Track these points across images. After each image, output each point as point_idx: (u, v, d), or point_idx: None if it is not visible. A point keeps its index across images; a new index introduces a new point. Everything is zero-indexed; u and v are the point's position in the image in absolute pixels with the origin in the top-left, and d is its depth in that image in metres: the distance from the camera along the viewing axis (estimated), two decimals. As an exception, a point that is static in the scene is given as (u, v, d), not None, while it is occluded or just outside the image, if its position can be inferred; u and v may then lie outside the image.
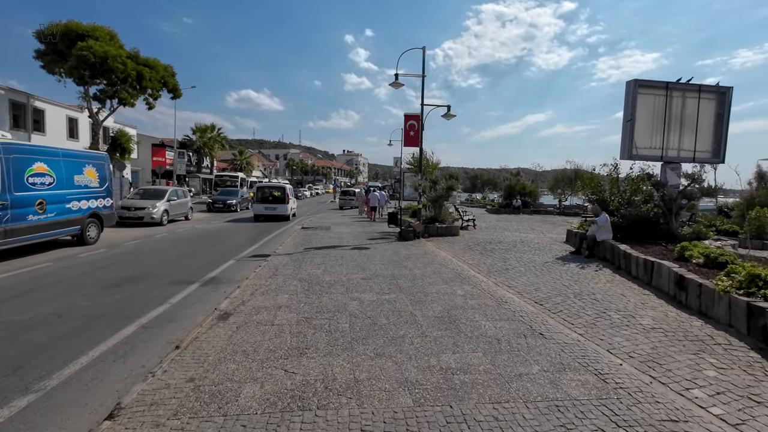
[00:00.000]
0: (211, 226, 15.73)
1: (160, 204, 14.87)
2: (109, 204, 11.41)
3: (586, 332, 4.64)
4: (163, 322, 4.85)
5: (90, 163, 10.75)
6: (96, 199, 10.76)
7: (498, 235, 13.78)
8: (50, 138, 28.44)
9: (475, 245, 11.49)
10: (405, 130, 12.50)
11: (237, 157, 61.97)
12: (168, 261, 8.61)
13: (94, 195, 10.75)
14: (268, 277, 6.92)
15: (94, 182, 10.75)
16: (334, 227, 15.53)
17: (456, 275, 7.39)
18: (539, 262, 9.00)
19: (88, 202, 10.39)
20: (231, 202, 22.60)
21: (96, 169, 10.92)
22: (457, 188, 14.76)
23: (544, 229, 16.30)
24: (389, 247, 10.65)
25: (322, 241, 11.64)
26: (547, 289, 6.62)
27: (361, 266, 8.00)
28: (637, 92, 11.76)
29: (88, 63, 21.47)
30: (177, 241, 11.55)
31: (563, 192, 30.40)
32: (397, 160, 30.40)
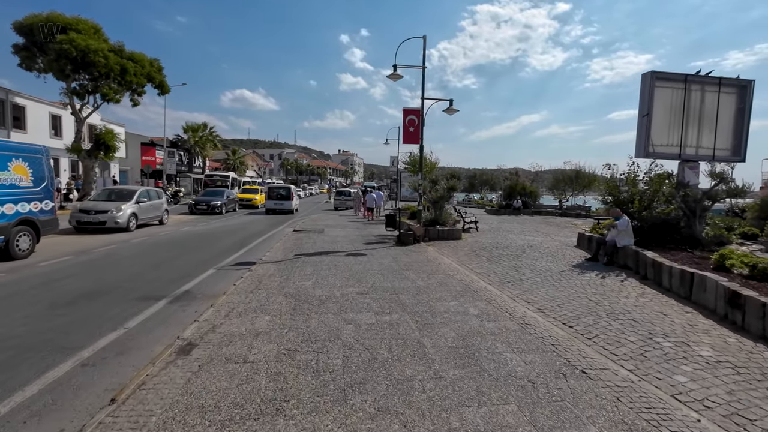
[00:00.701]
0: (194, 229, 14.68)
1: (126, 206, 12.86)
2: (49, 207, 9.53)
3: (636, 367, 3.74)
4: (110, 356, 3.89)
5: (20, 157, 8.81)
6: (29, 202, 8.85)
7: (503, 239, 12.90)
8: (32, 136, 27.18)
9: (481, 250, 10.59)
10: (404, 125, 11.58)
11: (230, 156, 60.76)
12: (139, 271, 7.61)
13: (26, 197, 8.80)
14: (249, 291, 5.96)
15: (25, 181, 8.84)
16: (328, 230, 14.58)
17: (465, 288, 6.48)
18: (555, 270, 8.12)
19: (16, 205, 8.50)
20: (215, 204, 20.56)
21: (29, 164, 8.97)
22: (459, 188, 13.87)
23: (550, 232, 15.46)
24: (388, 253, 9.73)
25: (315, 245, 10.69)
26: (572, 305, 5.72)
27: (356, 277, 7.07)
28: (654, 85, 10.93)
29: (69, 57, 20.35)
30: (155, 246, 10.53)
31: (564, 192, 29.63)
32: (394, 160, 29.50)
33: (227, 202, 21.66)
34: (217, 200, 20.85)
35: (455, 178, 13.35)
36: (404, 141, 11.69)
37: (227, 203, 21.61)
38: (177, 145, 47.26)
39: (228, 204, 21.74)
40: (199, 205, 20.36)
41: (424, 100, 11.50)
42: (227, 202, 21.66)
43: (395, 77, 11.14)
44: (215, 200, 20.81)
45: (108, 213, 12.26)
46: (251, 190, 28.00)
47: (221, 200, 21.07)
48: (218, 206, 20.48)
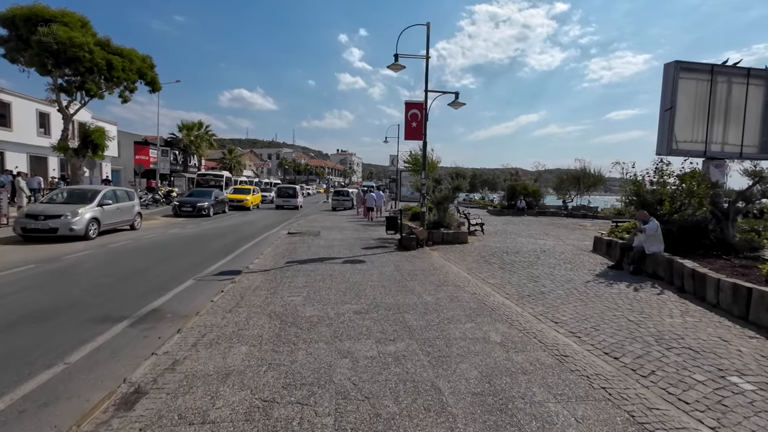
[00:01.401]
0: (179, 232, 13.74)
1: (85, 210, 10.85)
2: None
3: (720, 424, 2.85)
4: (31, 409, 2.98)
5: None
6: None
7: (512, 243, 12.01)
8: (18, 133, 26.26)
9: (490, 256, 9.70)
10: (406, 120, 10.68)
11: (226, 156, 59.76)
12: (106, 283, 6.69)
13: None
14: (227, 310, 5.05)
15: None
16: (325, 232, 13.67)
17: (480, 304, 5.59)
18: (578, 280, 7.23)
19: None
20: (202, 205, 18.97)
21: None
22: (465, 188, 12.94)
23: (560, 235, 14.58)
24: (389, 260, 8.82)
25: (309, 251, 9.78)
26: (609, 327, 4.83)
27: (354, 290, 6.16)
28: (679, 77, 10.07)
29: (50, 50, 19.37)
30: (132, 252, 9.60)
31: (568, 192, 28.76)
32: (394, 158, 28.61)
33: (215, 203, 20.26)
34: (203, 201, 19.32)
35: (461, 177, 12.47)
36: (406, 137, 10.80)
37: (215, 205, 20.22)
38: (172, 144, 46.25)
39: (216, 205, 20.34)
40: (184, 207, 18.84)
41: (427, 93, 10.60)
42: (215, 203, 20.26)
43: (396, 68, 10.24)
44: (201, 201, 19.28)
45: (61, 218, 10.29)
46: (242, 190, 26.26)
47: (208, 201, 19.57)
48: (205, 208, 19.02)
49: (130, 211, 13.30)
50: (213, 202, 19.91)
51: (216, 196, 20.65)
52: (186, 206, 18.93)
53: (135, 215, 13.51)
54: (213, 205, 19.79)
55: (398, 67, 10.23)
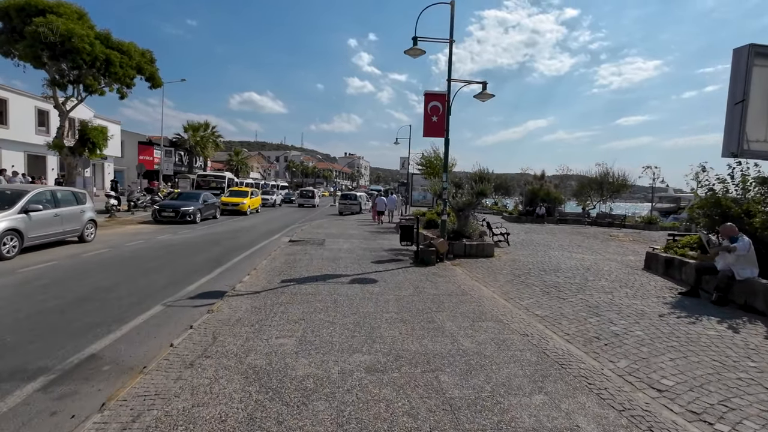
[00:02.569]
0: (167, 240, 12.36)
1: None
2: None
3: None
4: None
5: None
6: None
7: (545, 257, 10.41)
8: (15, 131, 25.28)
9: (526, 275, 8.13)
10: (426, 114, 9.20)
11: (233, 157, 58.87)
12: (52, 308, 5.27)
13: None
14: (188, 363, 3.58)
15: None
16: (330, 241, 12.20)
17: (540, 354, 4.04)
18: (651, 314, 5.63)
19: None
20: (186, 210, 16.03)
21: None
22: (491, 193, 11.36)
23: (595, 247, 12.93)
24: (406, 279, 7.30)
25: (311, 265, 8.30)
26: (745, 401, 3.26)
27: (366, 327, 4.65)
28: (753, 64, 8.45)
29: (45, 42, 18.31)
30: (102, 264, 8.21)
31: (590, 199, 27.01)
32: (404, 161, 27.14)
33: (204, 207, 17.47)
34: (189, 205, 16.46)
35: (485, 181, 10.93)
36: (425, 133, 9.30)
37: (204, 209, 17.43)
38: (177, 145, 45.39)
39: (205, 210, 17.61)
40: (165, 212, 16.00)
41: (450, 83, 9.10)
42: (204, 207, 17.47)
43: (416, 52, 8.77)
44: (187, 205, 16.39)
45: None
46: (239, 192, 23.62)
47: (194, 205, 16.73)
48: (190, 213, 16.19)
49: (77, 218, 10.10)
50: (201, 206, 17.19)
51: (205, 200, 17.98)
52: (167, 210, 16.07)
53: (85, 224, 10.34)
54: (201, 209, 17.06)
55: (417, 51, 8.76)
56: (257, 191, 25.78)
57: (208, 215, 18.06)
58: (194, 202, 17.04)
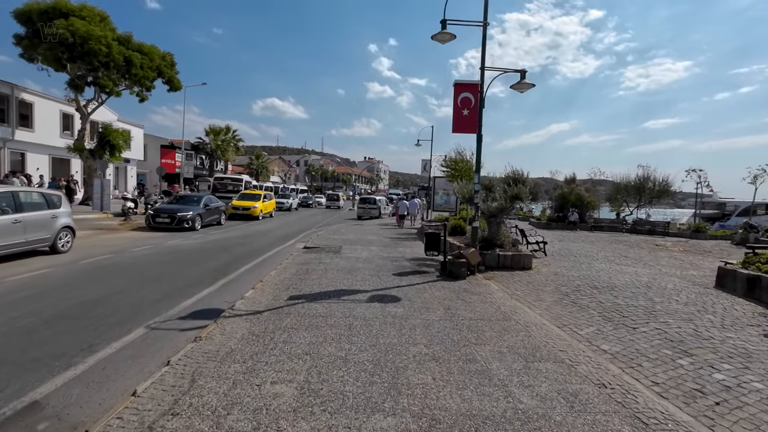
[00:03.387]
0: (170, 246, 11.67)
1: None
2: None
3: None
4: None
5: None
6: None
7: (591, 270, 9.09)
8: (40, 134, 25.59)
9: (576, 293, 6.89)
10: (455, 107, 8.11)
11: (253, 161, 59.18)
12: (11, 332, 4.46)
13: None
14: (146, 426, 2.62)
15: None
16: (348, 248, 11.22)
17: (635, 422, 2.88)
18: (760, 353, 4.34)
19: None
20: (184, 216, 13.95)
21: None
22: (527, 197, 10.11)
23: (645, 258, 11.45)
24: (434, 297, 6.21)
25: (324, 277, 7.32)
26: None
27: (388, 370, 3.59)
28: None
29: (65, 44, 18.28)
30: (86, 274, 7.48)
31: (626, 204, 25.10)
32: (426, 163, 26.03)
33: (205, 212, 15.33)
34: (186, 210, 14.27)
35: (520, 183, 9.72)
36: (455, 129, 8.20)
37: (205, 214, 15.31)
38: (198, 149, 45.80)
39: (207, 215, 15.48)
40: (159, 217, 13.87)
41: (484, 71, 7.99)
42: (205, 212, 15.33)
43: (444, 37, 7.71)
44: (185, 210, 14.23)
45: None
46: (250, 196, 21.94)
47: (194, 210, 14.51)
48: (188, 219, 14.02)
49: (47, 225, 8.54)
50: (201, 211, 15.03)
51: (207, 203, 15.85)
52: (162, 215, 13.91)
53: (58, 231, 8.77)
54: (201, 214, 14.91)
55: (447, 36, 7.69)
56: (271, 194, 24.45)
57: (211, 221, 16.09)
58: (193, 206, 15.07)
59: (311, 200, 42.84)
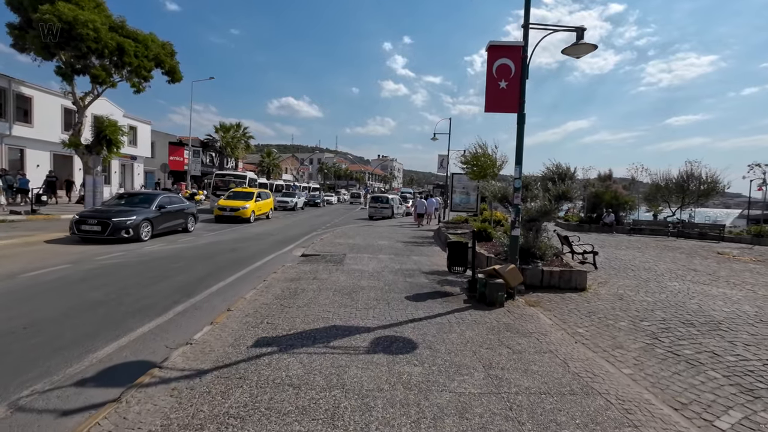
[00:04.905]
0: (139, 255, 10.00)
1: None
2: None
3: None
4: None
5: None
6: None
7: (665, 292, 6.99)
8: (40, 130, 24.54)
9: (669, 335, 4.84)
10: (489, 78, 6.12)
11: (265, 158, 58.06)
12: None
13: None
14: None
15: None
16: (352, 257, 9.38)
17: None
18: None
19: None
20: (123, 222, 10.20)
21: None
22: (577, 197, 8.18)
23: (719, 272, 9.22)
24: (465, 343, 4.28)
25: (314, 303, 5.49)
26: None
27: None
28: None
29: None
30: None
31: (667, 204, 22.53)
32: (443, 159, 23.97)
33: (160, 217, 11.55)
34: (128, 215, 10.54)
35: (567, 179, 7.71)
36: (489, 107, 6.17)
37: (159, 219, 11.50)
38: (208, 146, 44.77)
39: (162, 220, 11.65)
40: (87, 224, 10.08)
41: (528, 28, 5.99)
42: (160, 217, 11.55)
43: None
44: (124, 215, 10.49)
45: None
46: (241, 194, 18.62)
47: (140, 215, 10.76)
48: (128, 226, 10.23)
49: None
50: (153, 215, 11.22)
51: (162, 205, 11.84)
52: (90, 222, 10.09)
53: None
54: (152, 219, 11.11)
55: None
56: (267, 193, 21.36)
57: (171, 227, 12.28)
58: (140, 209, 11.16)
59: (319, 199, 39.41)
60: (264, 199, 19.52)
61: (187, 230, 13.14)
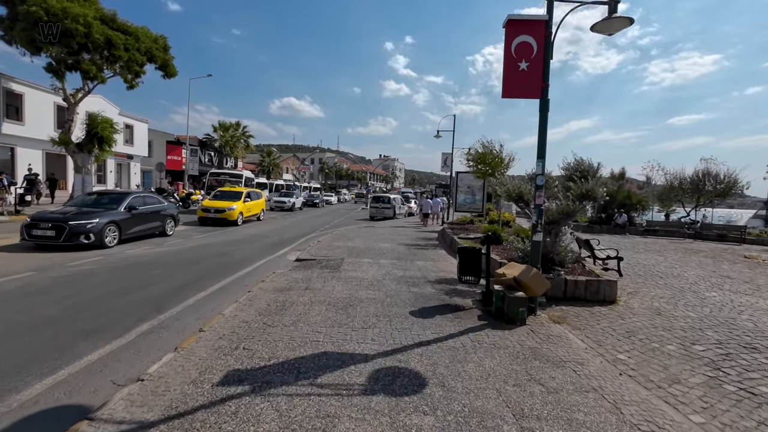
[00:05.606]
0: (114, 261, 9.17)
1: None
2: None
3: None
4: None
5: None
6: None
7: (707, 305, 6.13)
8: (32, 128, 23.80)
9: (733, 364, 3.98)
10: (507, 58, 5.27)
11: (265, 158, 57.32)
12: None
13: None
14: None
15: None
16: (351, 261, 8.55)
17: None
18: None
19: None
20: (81, 227, 8.87)
21: None
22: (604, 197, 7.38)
23: (756, 278, 8.34)
24: (486, 377, 3.44)
25: (303, 321, 4.67)
26: None
27: None
28: None
29: (40, 23, 16.22)
30: None
31: (681, 203, 21.62)
32: (447, 158, 23.12)
33: (130, 219, 10.22)
34: (89, 217, 9.13)
35: (592, 178, 6.87)
36: (506, 92, 5.30)
37: (129, 222, 10.18)
38: (206, 145, 44.02)
39: (132, 223, 10.30)
40: (39, 228, 8.72)
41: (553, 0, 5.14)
42: (130, 219, 10.22)
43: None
44: (85, 219, 9.00)
45: None
46: (228, 194, 17.01)
47: (103, 217, 9.37)
48: (86, 231, 8.84)
49: None
50: (121, 217, 9.88)
51: (132, 206, 10.44)
52: (42, 226, 8.72)
53: None
54: (119, 222, 9.77)
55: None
56: (259, 193, 19.66)
57: (145, 231, 10.93)
58: (105, 211, 9.71)
59: (318, 199, 38.01)
60: (254, 200, 17.95)
61: (165, 234, 11.77)
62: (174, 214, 12.46)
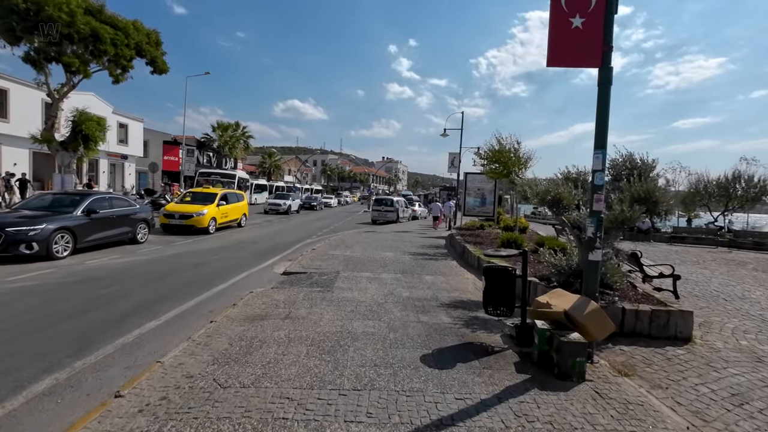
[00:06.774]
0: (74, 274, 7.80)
1: None
2: None
3: None
4: None
5: None
6: None
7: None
8: (17, 125, 22.61)
9: None
10: (557, 12, 3.85)
11: (266, 160, 56.18)
12: None
13: None
14: None
15: None
16: (346, 276, 7.15)
17: None
18: None
19: None
20: (23, 233, 7.49)
21: None
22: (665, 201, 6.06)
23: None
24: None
25: (272, 374, 3.27)
26: None
27: None
28: None
29: (18, 11, 15.03)
30: None
31: (707, 207, 20.08)
32: (454, 158, 21.71)
33: (89, 225, 8.81)
34: (33, 225, 7.69)
35: (646, 178, 5.47)
36: (552, 59, 3.84)
37: (87, 228, 8.77)
38: (204, 145, 42.86)
39: (92, 229, 8.94)
40: None
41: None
42: (89, 225, 8.81)
43: None
44: (28, 225, 7.66)
45: None
46: (201, 196, 14.41)
47: (50, 224, 7.89)
48: (28, 239, 7.50)
49: None
50: (76, 223, 8.47)
51: (92, 209, 8.98)
52: None
53: None
54: (73, 228, 8.34)
55: None
56: (241, 195, 16.89)
57: (104, 239, 9.31)
58: (56, 216, 8.30)
59: (315, 201, 35.30)
60: (231, 203, 15.10)
61: (136, 241, 10.25)
62: (148, 218, 10.89)
